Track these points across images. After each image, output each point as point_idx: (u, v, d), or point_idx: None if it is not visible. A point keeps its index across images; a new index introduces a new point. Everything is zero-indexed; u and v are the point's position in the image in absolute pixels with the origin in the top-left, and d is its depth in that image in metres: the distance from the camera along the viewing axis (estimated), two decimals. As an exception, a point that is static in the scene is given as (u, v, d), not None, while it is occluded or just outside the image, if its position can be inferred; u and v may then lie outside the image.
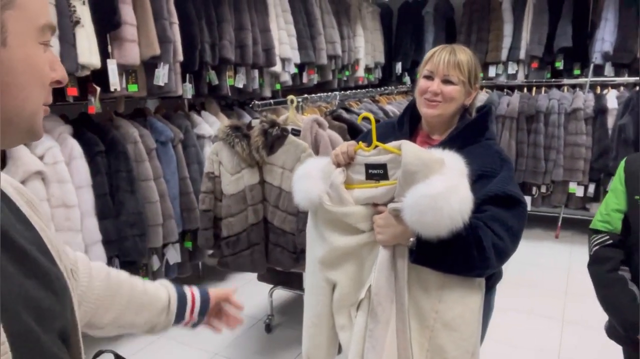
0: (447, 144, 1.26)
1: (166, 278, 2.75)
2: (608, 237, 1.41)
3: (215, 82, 3.01)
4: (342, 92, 3.09)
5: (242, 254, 2.11)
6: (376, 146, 1.22)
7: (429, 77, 1.34)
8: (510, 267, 3.76)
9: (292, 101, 2.25)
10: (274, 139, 1.98)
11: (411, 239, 1.16)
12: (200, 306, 0.95)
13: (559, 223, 4.15)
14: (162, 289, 0.92)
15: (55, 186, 2.08)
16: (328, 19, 4.02)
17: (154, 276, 2.65)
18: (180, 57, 2.67)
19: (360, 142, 1.25)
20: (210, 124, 3.08)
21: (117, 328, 0.84)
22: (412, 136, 1.43)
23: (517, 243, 1.23)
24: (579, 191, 3.86)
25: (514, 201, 1.21)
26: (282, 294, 3.10)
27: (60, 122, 2.30)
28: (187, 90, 2.85)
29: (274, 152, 2.00)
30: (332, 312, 1.35)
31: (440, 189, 1.07)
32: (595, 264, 1.43)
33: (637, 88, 3.69)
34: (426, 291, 1.21)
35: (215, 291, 0.99)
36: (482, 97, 4.08)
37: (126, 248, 2.38)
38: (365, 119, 1.38)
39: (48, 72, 0.51)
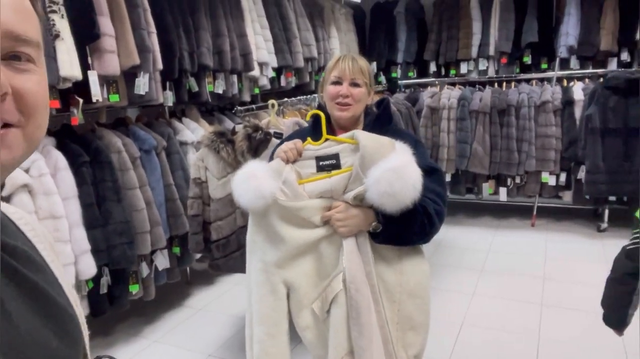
0: None
1: (156, 284, 2.78)
2: None
3: (195, 88, 3.05)
4: (315, 94, 3.17)
5: (233, 256, 2.16)
6: (326, 139, 1.31)
7: (338, 83, 1.44)
8: (490, 256, 3.90)
9: (273, 105, 2.31)
10: (258, 142, 2.04)
11: (374, 222, 1.26)
12: None
13: (534, 212, 4.31)
14: None
15: (42, 198, 2.10)
16: (303, 22, 4.09)
17: (143, 282, 2.68)
18: (160, 66, 2.70)
19: (308, 138, 1.35)
20: (192, 131, 3.12)
21: None
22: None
23: (446, 203, 1.38)
24: (551, 180, 4.02)
25: (434, 170, 1.38)
26: (270, 294, 3.16)
27: (43, 134, 2.30)
28: (167, 98, 2.88)
29: (258, 156, 2.06)
30: (288, 318, 1.38)
31: (401, 162, 1.19)
32: (624, 258, 1.40)
33: (601, 80, 3.88)
34: (390, 266, 1.32)
35: None
36: (455, 93, 4.22)
37: (115, 256, 2.40)
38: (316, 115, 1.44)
39: None
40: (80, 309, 0.55)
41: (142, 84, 2.59)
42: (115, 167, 2.47)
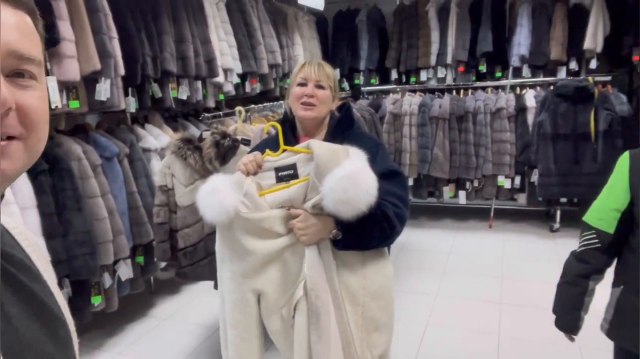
0: (329, 140, 1.42)
1: (119, 294, 2.71)
2: (597, 240, 1.36)
3: (159, 94, 3.01)
4: (282, 101, 3.19)
5: (201, 264, 2.14)
6: (284, 150, 1.35)
7: (303, 84, 1.49)
8: (451, 257, 4.02)
9: (240, 112, 2.31)
10: (226, 149, 2.04)
11: (334, 230, 1.30)
12: None
13: (492, 214, 4.49)
14: None
15: (-3, 209, 2.01)
16: (267, 28, 4.11)
17: (106, 293, 2.60)
18: (122, 71, 2.65)
19: (267, 150, 1.38)
20: (155, 137, 3.07)
21: None
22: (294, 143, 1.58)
23: (409, 206, 1.43)
24: (507, 184, 4.21)
25: (395, 173, 1.42)
26: (237, 301, 3.14)
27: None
28: (130, 104, 2.83)
29: (226, 163, 2.06)
30: (260, 322, 1.41)
31: (354, 169, 1.22)
32: (575, 261, 1.43)
33: (552, 87, 4.10)
34: (353, 271, 1.36)
35: None
36: (416, 100, 4.34)
37: (76, 267, 2.32)
38: (273, 126, 1.48)
39: None
40: (70, 317, 0.56)
41: (103, 90, 2.53)
42: (75, 175, 2.39)
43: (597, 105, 3.77)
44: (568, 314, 1.47)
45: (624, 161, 1.35)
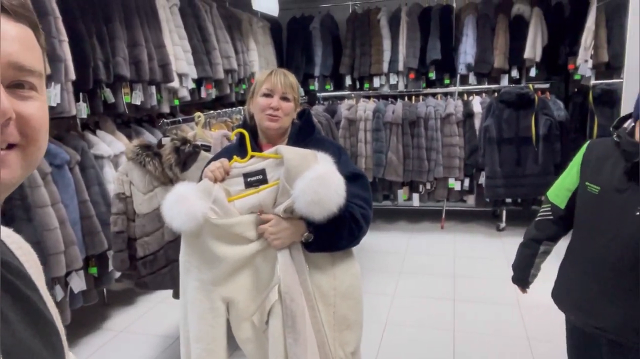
0: (292, 146, 1.46)
1: (71, 307, 2.60)
2: (550, 212, 1.58)
3: (111, 100, 2.92)
4: (240, 106, 3.20)
5: (161, 273, 2.11)
6: (252, 156, 1.37)
7: (269, 95, 1.51)
8: (407, 258, 4.14)
9: (199, 117, 2.30)
10: (187, 156, 2.03)
11: (305, 233, 1.33)
12: None
13: (443, 215, 4.67)
14: None
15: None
16: (221, 34, 4.09)
17: (58, 307, 2.49)
18: (72, 76, 2.56)
19: (234, 156, 1.40)
20: (108, 144, 2.98)
21: None
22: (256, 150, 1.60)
23: (372, 207, 1.50)
24: (457, 186, 4.40)
25: (359, 176, 1.49)
26: (197, 309, 3.09)
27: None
28: (81, 109, 2.73)
29: (187, 169, 2.05)
30: (227, 333, 1.40)
31: (324, 171, 1.27)
32: (532, 228, 1.65)
33: (496, 94, 4.34)
34: (324, 272, 1.40)
35: None
36: (370, 106, 4.46)
37: (26, 281, 2.21)
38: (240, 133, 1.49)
39: None
40: (61, 324, 0.56)
41: (53, 95, 2.43)
42: (24, 183, 2.29)
43: (537, 111, 4.03)
44: (521, 271, 1.68)
45: (582, 149, 1.53)
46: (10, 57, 0.44)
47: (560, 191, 1.56)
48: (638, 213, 1.31)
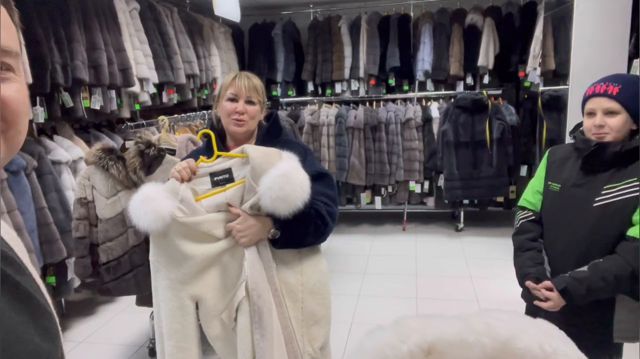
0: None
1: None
2: (531, 214, 1.63)
3: (70, 104, 2.85)
4: (204, 111, 3.19)
5: (125, 278, 2.07)
6: (218, 156, 1.40)
7: (234, 100, 1.54)
8: (370, 259, 4.22)
9: (162, 121, 2.29)
10: (152, 159, 2.02)
11: (272, 229, 1.37)
12: None
13: (405, 217, 4.80)
14: None
15: None
16: (183, 38, 4.06)
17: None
18: (29, 79, 2.49)
19: (200, 156, 1.43)
20: (66, 149, 2.90)
21: None
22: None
23: (337, 204, 1.55)
24: (417, 188, 4.54)
25: (324, 175, 1.54)
26: (161, 317, 3.04)
27: None
28: (38, 114, 2.65)
29: (152, 173, 2.03)
30: (198, 330, 1.43)
31: (288, 168, 1.31)
32: (519, 234, 1.63)
33: (452, 100, 4.51)
34: (291, 269, 1.44)
35: None
36: (332, 111, 4.54)
37: (-20, 291, 2.13)
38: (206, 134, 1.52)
39: None
40: (53, 309, 0.55)
41: (8, 99, 2.36)
42: (-23, 190, 2.20)
43: (490, 116, 4.23)
44: (533, 268, 1.54)
45: (545, 155, 1.65)
46: None
47: (532, 195, 1.64)
48: (595, 204, 1.43)
